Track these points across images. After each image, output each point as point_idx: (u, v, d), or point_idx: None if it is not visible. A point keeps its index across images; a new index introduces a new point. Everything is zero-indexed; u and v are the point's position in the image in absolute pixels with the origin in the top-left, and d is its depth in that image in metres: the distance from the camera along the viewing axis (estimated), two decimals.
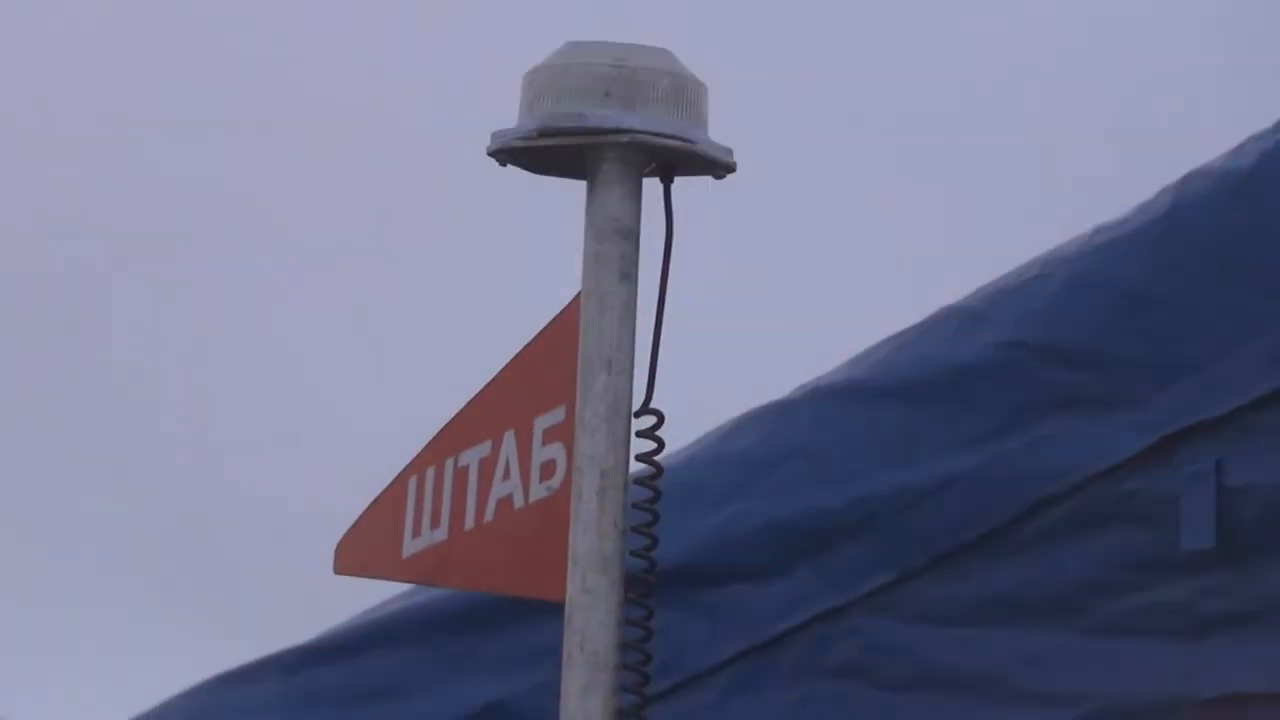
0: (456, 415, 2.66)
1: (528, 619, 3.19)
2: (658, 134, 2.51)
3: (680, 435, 3.42)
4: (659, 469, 2.56)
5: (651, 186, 2.58)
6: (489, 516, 2.62)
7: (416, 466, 2.69)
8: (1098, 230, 3.53)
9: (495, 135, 2.56)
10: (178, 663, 3.98)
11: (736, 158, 2.62)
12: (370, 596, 3.76)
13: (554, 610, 2.58)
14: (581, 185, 2.57)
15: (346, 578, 2.84)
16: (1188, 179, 3.44)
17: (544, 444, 2.56)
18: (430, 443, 2.69)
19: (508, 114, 2.60)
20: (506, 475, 2.61)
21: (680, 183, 2.60)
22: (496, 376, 2.63)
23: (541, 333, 2.60)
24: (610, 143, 2.52)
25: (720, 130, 2.67)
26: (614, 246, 2.53)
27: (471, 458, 2.61)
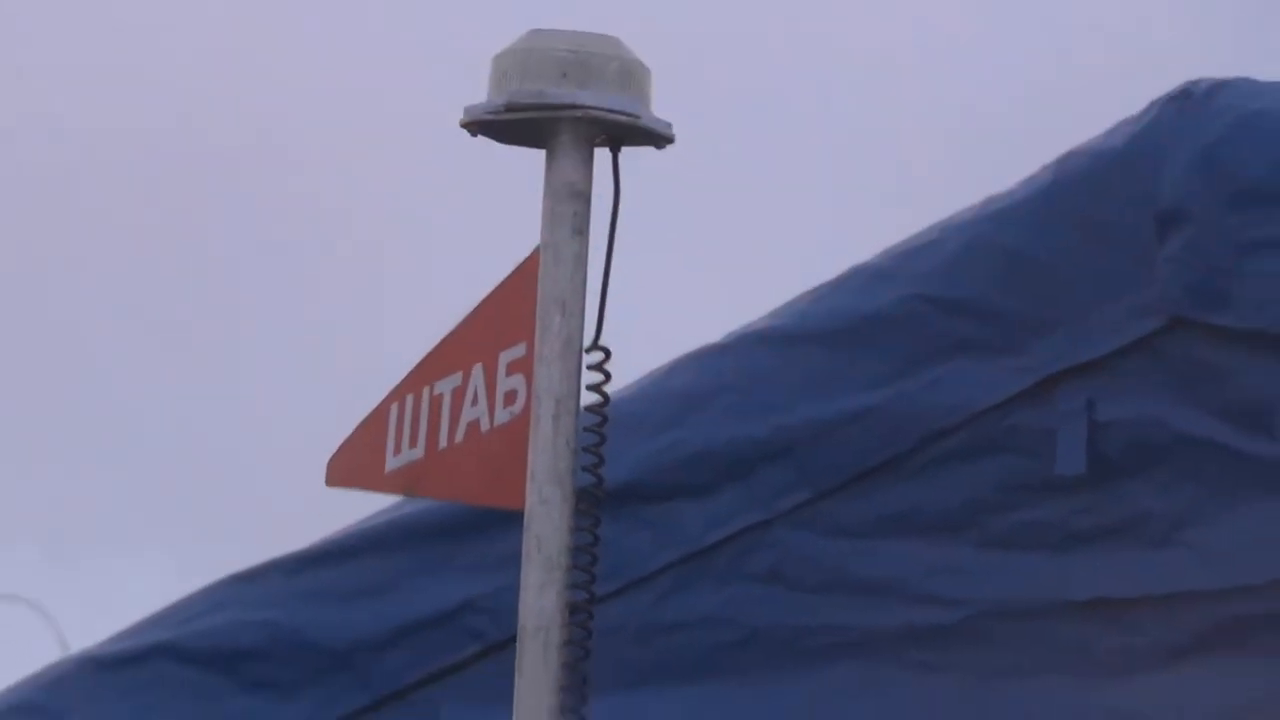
0: (432, 350, 2.69)
1: (495, 527, 3.19)
2: (607, 110, 2.55)
3: (627, 373, 3.41)
4: (606, 398, 2.59)
5: (602, 155, 2.61)
6: (459, 438, 2.66)
7: (397, 394, 2.72)
8: (988, 201, 3.52)
9: (467, 110, 2.58)
10: (198, 566, 4.03)
11: (676, 130, 2.63)
12: (359, 509, 3.73)
13: (516, 518, 2.61)
14: (541, 154, 2.60)
15: (337, 489, 2.86)
16: (1067, 157, 3.44)
17: (507, 375, 2.59)
18: (409, 374, 2.72)
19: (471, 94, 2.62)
20: (475, 402, 2.64)
21: (627, 152, 2.63)
22: (467, 317, 2.67)
23: (506, 280, 2.63)
24: (566, 117, 2.55)
25: (666, 108, 2.67)
26: (568, 206, 2.58)
27: (445, 387, 2.66)
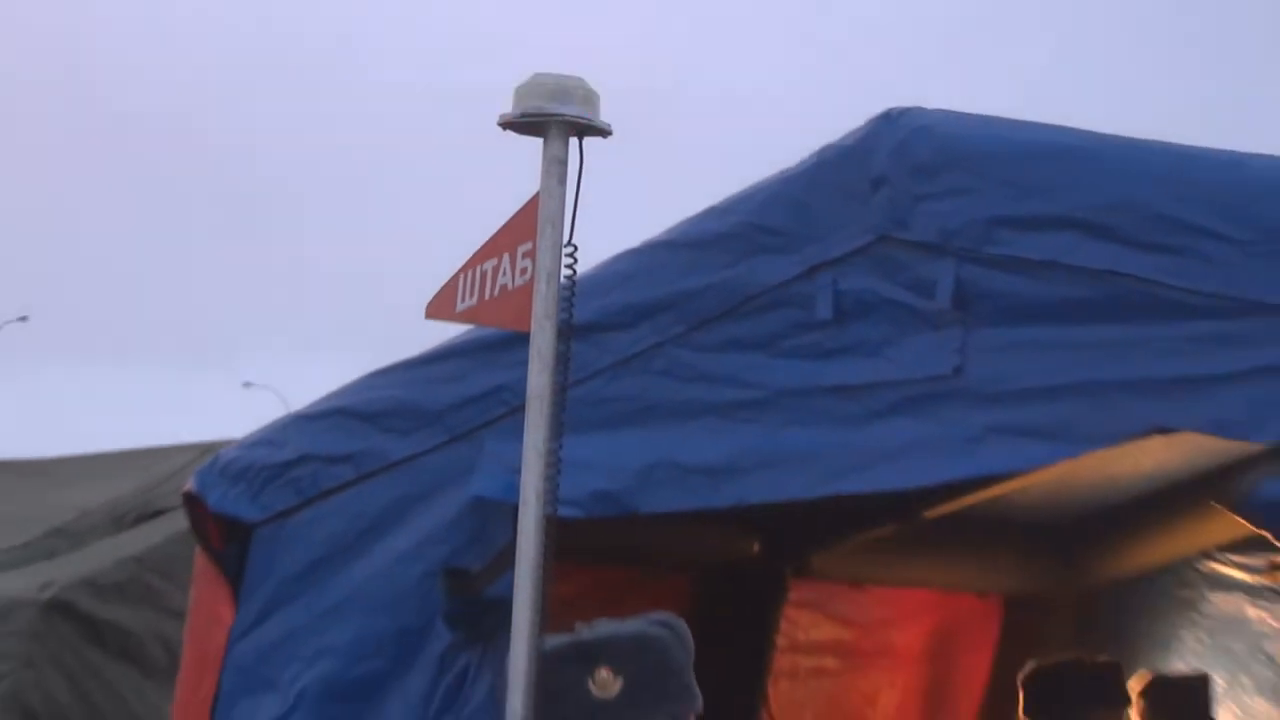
0: (482, 246, 3.00)
1: (517, 344, 3.23)
2: (575, 116, 2.89)
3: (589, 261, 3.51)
4: (575, 273, 2.96)
5: (572, 142, 2.99)
6: (495, 293, 2.98)
7: (464, 269, 3.02)
8: (782, 170, 3.74)
9: (501, 116, 2.91)
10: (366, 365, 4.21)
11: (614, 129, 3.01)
12: (446, 332, 3.93)
13: (526, 338, 3.01)
14: (539, 141, 2.97)
15: (433, 322, 3.22)
16: (825, 148, 3.69)
17: (521, 259, 2.91)
18: (469, 257, 3.01)
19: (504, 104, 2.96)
20: (504, 273, 2.98)
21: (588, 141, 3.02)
22: (501, 228, 2.98)
23: (521, 208, 2.95)
24: (554, 120, 2.89)
25: (608, 115, 3.04)
26: (555, 169, 2.91)
27: (488, 265, 2.97)
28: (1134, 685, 5.38)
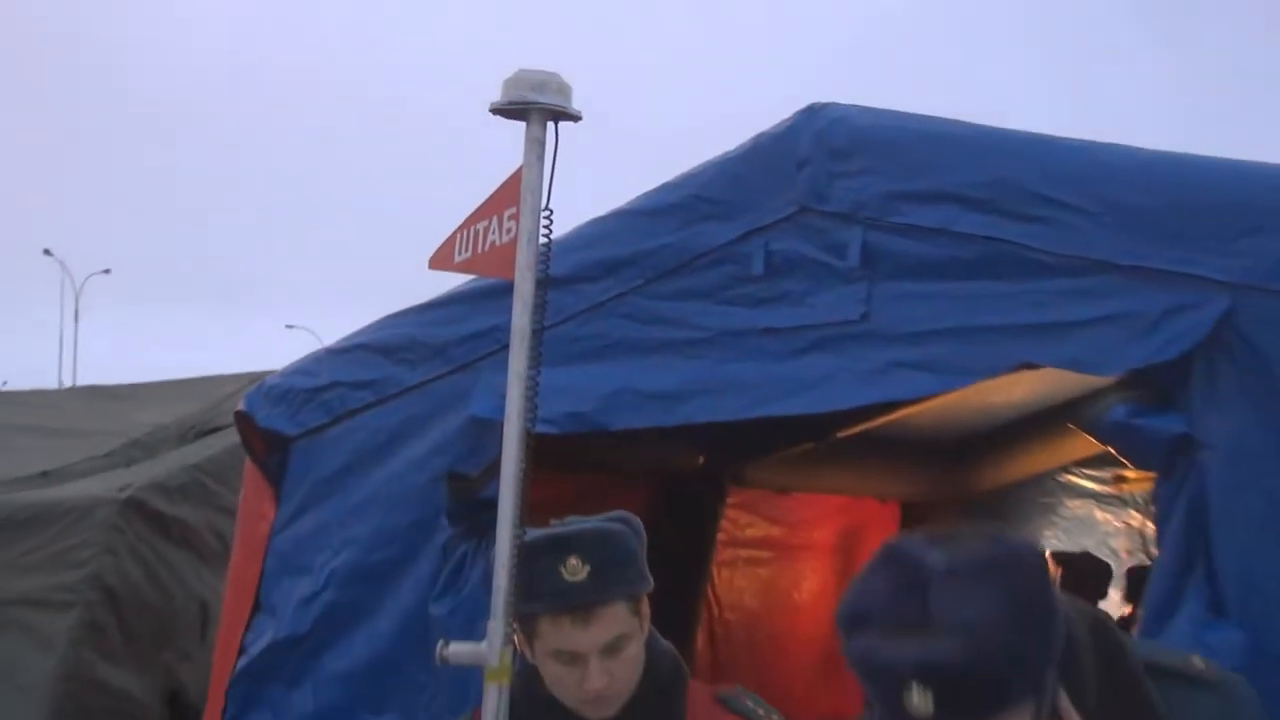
0: (476, 209, 2.88)
1: (504, 293, 2.91)
2: (551, 104, 2.76)
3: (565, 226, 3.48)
4: (550, 233, 2.81)
5: (549, 126, 2.82)
6: (486, 248, 2.88)
7: (460, 228, 2.92)
8: (724, 153, 3.71)
9: (492, 104, 2.78)
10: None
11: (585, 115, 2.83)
12: (450, 281, 3.87)
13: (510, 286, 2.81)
14: (523, 125, 2.80)
15: (436, 272, 3.01)
16: (760, 135, 3.67)
17: (507, 220, 2.82)
18: (464, 220, 2.90)
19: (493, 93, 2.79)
20: (493, 231, 2.86)
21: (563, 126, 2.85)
22: (492, 195, 2.88)
23: (506, 180, 2.84)
24: (535, 107, 2.76)
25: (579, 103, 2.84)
26: (535, 148, 2.78)
27: (480, 225, 2.87)
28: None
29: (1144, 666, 1.98)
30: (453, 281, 3.88)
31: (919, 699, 1.77)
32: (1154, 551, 2.95)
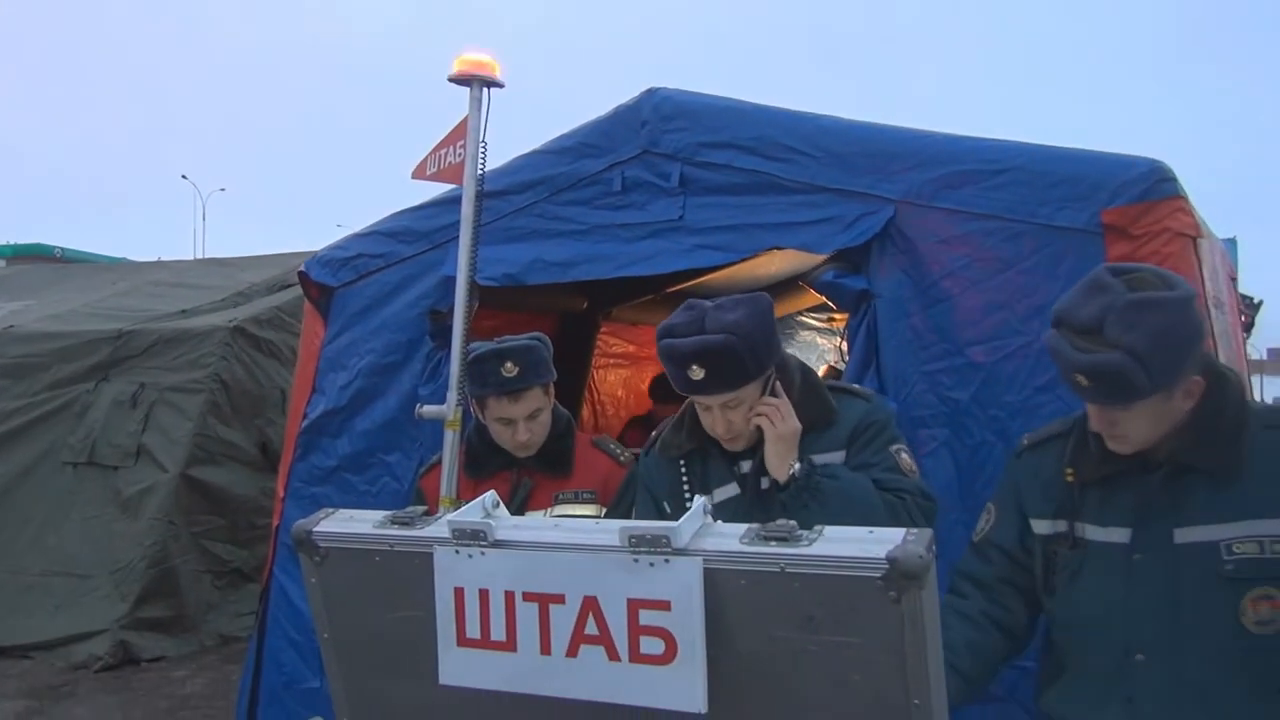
0: (440, 139, 2.64)
1: (458, 201, 2.67)
2: (486, 78, 2.53)
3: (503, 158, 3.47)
4: (485, 157, 2.60)
5: (484, 90, 2.61)
6: (445, 165, 2.63)
7: (430, 152, 2.67)
8: (599, 116, 3.40)
9: (449, 76, 2.53)
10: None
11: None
12: (431, 190, 3.49)
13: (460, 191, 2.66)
14: (467, 89, 2.57)
15: (418, 182, 2.80)
16: (616, 109, 3.34)
17: (459, 149, 2.58)
18: (434, 146, 2.66)
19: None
20: (452, 157, 2.64)
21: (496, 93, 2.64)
22: (450, 130, 2.62)
23: (460, 121, 2.59)
24: (475, 79, 2.52)
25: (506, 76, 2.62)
26: (478, 106, 2.56)
27: (444, 150, 2.62)
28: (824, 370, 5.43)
29: (828, 387, 2.15)
30: (434, 192, 3.61)
31: (696, 371, 1.93)
32: (847, 360, 2.87)
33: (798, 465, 1.94)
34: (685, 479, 2.08)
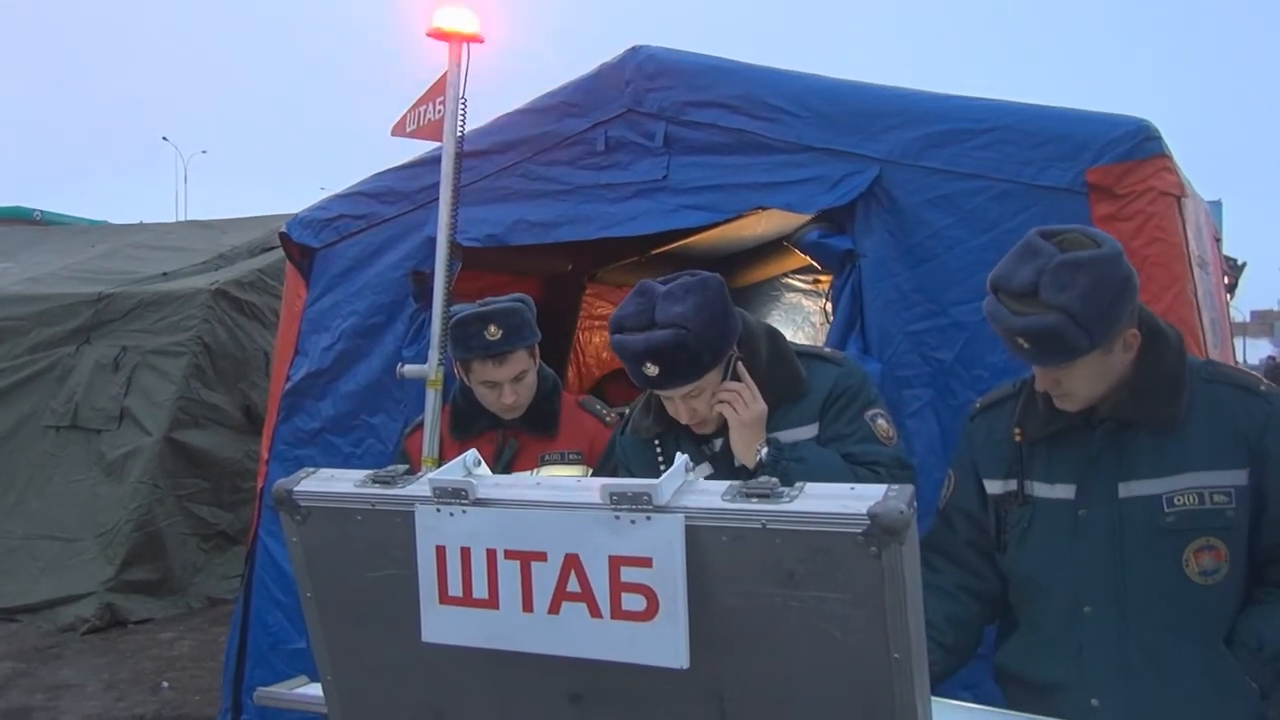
0: (420, 96, 2.66)
1: (439, 160, 2.82)
2: (467, 33, 2.57)
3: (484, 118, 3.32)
4: (465, 114, 2.65)
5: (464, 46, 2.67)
6: (425, 121, 2.67)
7: (411, 109, 2.69)
8: (583, 74, 3.32)
9: (428, 31, 2.56)
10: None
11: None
12: (415, 150, 3.42)
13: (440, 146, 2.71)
14: (446, 44, 2.61)
15: (397, 138, 2.88)
16: (599, 68, 3.26)
17: (439, 105, 2.61)
18: (413, 103, 2.69)
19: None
20: (432, 114, 2.69)
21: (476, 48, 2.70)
22: (430, 87, 2.66)
23: (436, 80, 2.65)
24: (455, 34, 2.57)
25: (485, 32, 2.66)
26: (455, 61, 2.60)
27: (424, 107, 2.65)
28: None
29: (798, 352, 2.07)
30: (416, 151, 3.52)
31: (650, 368, 1.85)
32: (831, 320, 2.85)
33: (764, 450, 1.91)
34: (660, 458, 2.07)
